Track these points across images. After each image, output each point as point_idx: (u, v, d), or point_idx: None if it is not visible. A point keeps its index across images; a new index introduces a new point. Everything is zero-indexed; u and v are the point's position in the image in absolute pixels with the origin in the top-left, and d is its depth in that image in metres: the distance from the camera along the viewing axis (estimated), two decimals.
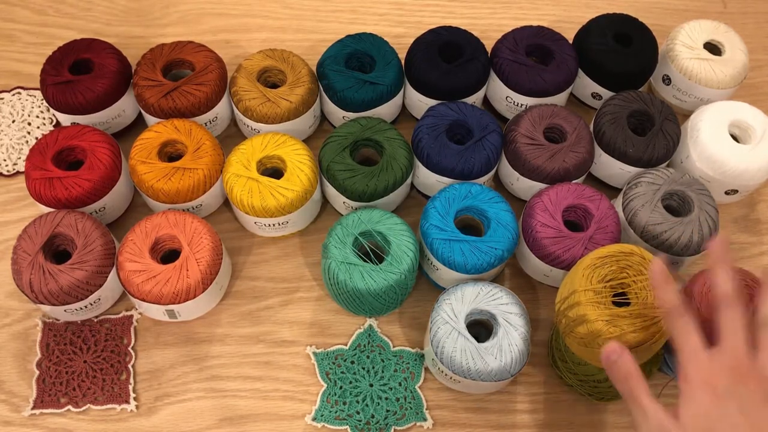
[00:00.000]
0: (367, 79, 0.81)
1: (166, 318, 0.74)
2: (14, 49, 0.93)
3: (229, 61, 0.86)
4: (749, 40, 0.89)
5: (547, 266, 0.74)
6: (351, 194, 0.76)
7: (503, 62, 0.83)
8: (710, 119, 0.81)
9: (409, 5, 0.99)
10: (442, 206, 0.74)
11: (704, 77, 0.85)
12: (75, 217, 0.72)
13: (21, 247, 0.71)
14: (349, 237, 0.72)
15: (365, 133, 0.78)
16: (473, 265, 0.71)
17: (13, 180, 0.84)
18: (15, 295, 0.76)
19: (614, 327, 0.62)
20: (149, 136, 0.77)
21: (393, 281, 0.71)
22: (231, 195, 0.75)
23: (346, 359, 0.74)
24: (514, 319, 0.69)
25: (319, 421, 0.72)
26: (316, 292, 0.79)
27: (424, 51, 0.83)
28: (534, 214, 0.74)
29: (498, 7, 1.00)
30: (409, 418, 0.72)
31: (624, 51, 0.85)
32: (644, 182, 0.76)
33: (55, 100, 0.80)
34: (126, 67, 0.83)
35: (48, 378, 0.73)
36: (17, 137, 0.86)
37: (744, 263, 0.82)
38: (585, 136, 0.79)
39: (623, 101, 0.81)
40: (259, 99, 0.80)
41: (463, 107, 0.80)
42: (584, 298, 0.64)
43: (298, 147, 0.77)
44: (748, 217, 0.86)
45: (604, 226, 0.73)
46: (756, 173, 0.79)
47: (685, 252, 0.74)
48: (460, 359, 0.67)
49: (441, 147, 0.77)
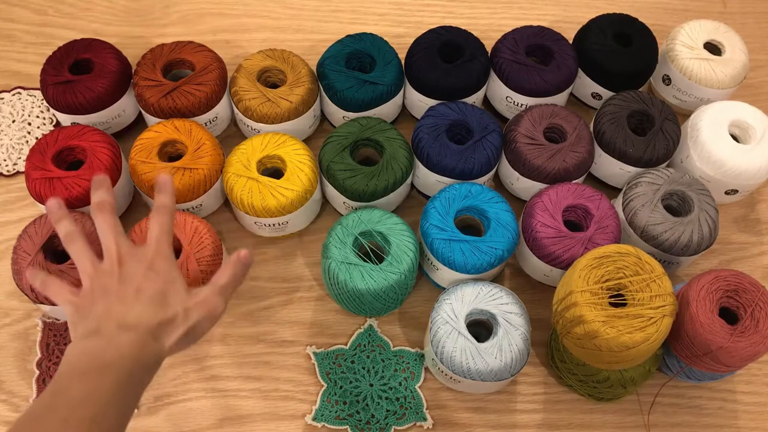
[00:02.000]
0: (367, 79, 0.81)
1: None
2: (14, 49, 0.93)
3: (229, 61, 0.86)
4: (749, 40, 0.89)
5: (547, 266, 0.74)
6: (351, 194, 0.76)
7: (503, 62, 0.83)
8: (710, 119, 0.81)
9: (409, 5, 0.99)
10: (442, 206, 0.74)
11: (704, 77, 0.85)
12: (75, 217, 0.72)
13: (21, 247, 0.71)
14: (349, 237, 0.72)
15: (365, 133, 0.78)
16: (473, 265, 0.72)
17: (13, 180, 0.84)
18: (15, 295, 0.76)
19: (611, 328, 0.62)
20: (149, 136, 0.77)
21: (393, 281, 0.71)
22: (231, 195, 0.75)
23: (347, 359, 0.74)
24: (514, 319, 0.69)
25: (319, 421, 0.72)
26: (316, 292, 0.79)
27: (424, 51, 0.83)
28: (534, 214, 0.74)
29: (498, 7, 1.00)
30: (409, 418, 0.72)
31: (624, 51, 0.85)
32: (644, 182, 0.76)
33: (55, 100, 0.80)
34: (126, 67, 0.83)
35: (48, 378, 0.73)
36: (17, 137, 0.86)
37: (744, 263, 0.82)
38: (585, 136, 0.79)
39: (623, 101, 0.81)
40: (259, 99, 0.80)
41: (463, 107, 0.80)
42: (581, 299, 0.64)
43: (298, 147, 0.77)
44: (748, 217, 0.86)
45: (604, 226, 0.73)
46: (756, 173, 0.79)
47: (685, 252, 0.74)
48: (460, 359, 0.67)
49: (441, 147, 0.77)
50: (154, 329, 0.57)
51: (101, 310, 0.58)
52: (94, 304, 0.59)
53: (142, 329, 0.57)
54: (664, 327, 0.63)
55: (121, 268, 0.60)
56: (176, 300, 0.59)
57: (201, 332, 0.61)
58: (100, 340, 0.56)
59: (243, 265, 0.63)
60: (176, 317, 0.59)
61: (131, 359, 0.55)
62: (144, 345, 0.56)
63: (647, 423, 0.73)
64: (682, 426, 0.74)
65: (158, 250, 0.62)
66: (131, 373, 0.55)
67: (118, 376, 0.54)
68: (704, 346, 0.64)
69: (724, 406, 0.75)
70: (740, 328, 0.64)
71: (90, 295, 0.59)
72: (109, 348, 0.55)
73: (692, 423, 0.74)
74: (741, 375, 0.76)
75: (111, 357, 0.55)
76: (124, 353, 0.55)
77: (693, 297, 0.66)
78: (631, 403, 0.74)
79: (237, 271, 0.63)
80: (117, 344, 0.56)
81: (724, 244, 0.83)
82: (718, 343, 0.63)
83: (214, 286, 0.61)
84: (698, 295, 0.66)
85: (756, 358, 0.65)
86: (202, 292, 0.61)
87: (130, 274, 0.60)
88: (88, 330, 0.57)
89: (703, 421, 0.74)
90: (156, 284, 0.59)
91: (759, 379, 0.76)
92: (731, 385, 0.76)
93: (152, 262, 0.61)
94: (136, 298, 0.58)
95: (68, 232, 0.63)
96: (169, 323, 0.58)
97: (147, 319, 0.57)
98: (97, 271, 0.61)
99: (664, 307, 0.63)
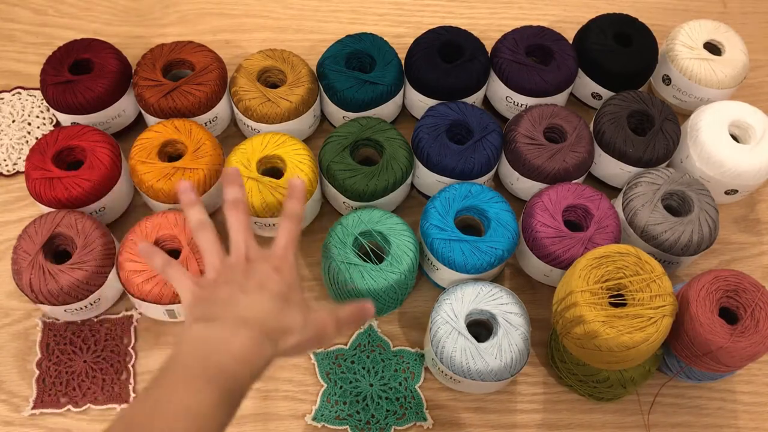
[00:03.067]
0: (367, 79, 0.81)
1: (166, 318, 0.74)
2: (14, 49, 0.93)
3: (229, 61, 0.86)
4: (749, 40, 0.89)
5: (547, 266, 0.74)
6: (351, 194, 0.76)
7: (503, 62, 0.83)
8: (710, 119, 0.81)
9: (409, 5, 0.99)
10: (442, 206, 0.74)
11: (704, 77, 0.85)
12: (75, 217, 0.72)
13: (21, 247, 0.71)
14: (349, 237, 0.72)
15: (365, 133, 0.78)
16: (473, 265, 0.72)
17: (13, 180, 0.84)
18: (15, 295, 0.76)
19: (611, 328, 0.62)
20: (149, 136, 0.77)
21: (393, 281, 0.71)
22: None
23: (346, 359, 0.74)
24: (514, 318, 0.69)
25: (319, 421, 0.72)
26: (316, 292, 0.79)
27: (424, 51, 0.83)
28: (534, 214, 0.74)
29: (498, 7, 1.00)
30: (409, 418, 0.72)
31: (624, 51, 0.85)
32: (644, 182, 0.76)
33: (55, 100, 0.80)
34: (126, 67, 0.83)
35: (48, 378, 0.73)
36: (17, 137, 0.86)
37: (744, 263, 0.82)
38: (585, 136, 0.79)
39: (623, 101, 0.81)
40: (259, 99, 0.80)
41: (463, 107, 0.80)
42: (581, 299, 0.64)
43: (298, 147, 0.77)
44: (748, 217, 0.86)
45: (604, 226, 0.73)
46: (756, 173, 0.79)
47: (685, 252, 0.74)
48: (460, 359, 0.67)
49: (441, 147, 0.77)
50: (270, 331, 0.55)
51: (223, 296, 0.56)
52: (216, 292, 0.56)
53: (259, 328, 0.54)
54: (664, 327, 0.63)
55: (247, 264, 0.58)
56: (296, 307, 0.57)
57: (306, 349, 0.59)
58: (217, 329, 0.54)
59: (364, 314, 0.61)
60: (295, 324, 0.56)
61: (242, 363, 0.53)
62: (258, 346, 0.54)
63: (647, 423, 0.73)
64: (682, 426, 0.74)
65: (285, 255, 0.60)
66: (236, 380, 0.52)
67: (225, 384, 0.51)
68: (704, 346, 0.64)
69: (724, 406, 0.75)
70: (740, 328, 0.64)
71: (212, 286, 0.57)
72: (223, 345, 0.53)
73: (692, 423, 0.74)
74: (741, 375, 0.76)
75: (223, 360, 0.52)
76: (236, 355, 0.53)
77: (693, 297, 0.66)
78: (631, 403, 0.74)
79: (356, 316, 0.60)
80: (232, 342, 0.53)
81: (724, 244, 0.83)
82: (718, 343, 0.63)
83: (333, 313, 0.59)
84: (698, 295, 0.66)
85: (756, 358, 0.65)
86: (321, 312, 0.59)
87: (256, 271, 0.58)
88: (207, 314, 0.55)
89: (703, 421, 0.74)
90: (280, 286, 0.57)
91: (759, 379, 0.76)
92: (731, 385, 0.76)
93: (279, 266, 0.59)
94: (259, 293, 0.56)
95: (199, 220, 0.61)
96: (287, 329, 0.56)
97: (266, 316, 0.55)
98: (223, 264, 0.59)
99: (664, 307, 0.63)
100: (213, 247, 0.60)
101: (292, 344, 0.56)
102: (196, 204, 0.62)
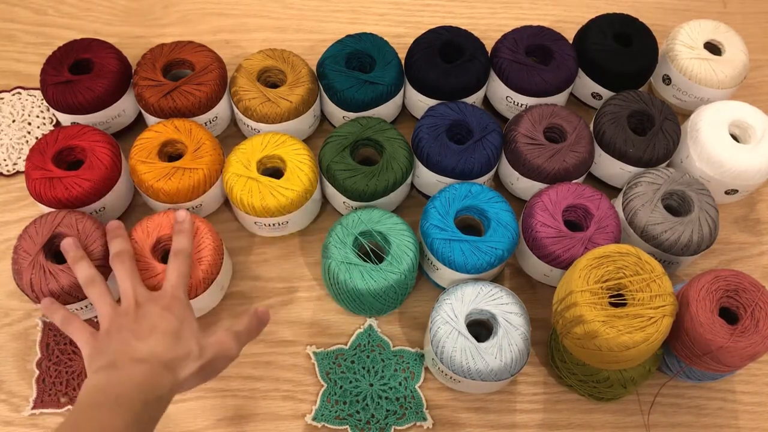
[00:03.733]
0: (367, 79, 0.81)
1: None
2: (14, 49, 0.93)
3: (229, 61, 0.86)
4: (749, 40, 0.89)
5: (547, 266, 0.74)
6: (351, 194, 0.76)
7: (503, 62, 0.83)
8: (710, 119, 0.81)
9: (409, 5, 1.00)
10: (442, 206, 0.74)
11: (704, 77, 0.85)
12: (75, 217, 0.72)
13: (21, 247, 0.71)
14: (349, 237, 0.72)
15: (365, 133, 0.78)
16: (473, 265, 0.72)
17: (13, 180, 0.84)
18: (15, 295, 0.76)
19: (611, 327, 0.62)
20: (149, 136, 0.77)
21: (393, 281, 0.71)
22: (231, 195, 0.75)
23: (346, 359, 0.74)
24: (514, 318, 0.69)
25: (319, 421, 0.72)
26: (316, 292, 0.79)
27: (424, 51, 0.83)
28: (534, 213, 0.74)
29: (498, 7, 1.00)
30: (409, 417, 0.72)
31: (624, 51, 0.85)
32: (644, 182, 0.76)
33: (55, 100, 0.80)
34: (126, 67, 0.83)
35: (48, 378, 0.73)
36: (17, 137, 0.86)
37: (744, 263, 0.83)
38: (585, 136, 0.79)
39: (623, 101, 0.81)
40: (259, 99, 0.80)
41: (463, 107, 0.80)
42: (581, 299, 0.64)
43: (298, 147, 0.77)
44: (748, 217, 0.86)
45: (604, 226, 0.73)
46: (756, 173, 0.79)
47: (685, 252, 0.74)
48: (460, 359, 0.67)
49: (441, 147, 0.77)
50: (168, 362, 0.60)
51: (116, 345, 0.61)
52: (110, 342, 0.61)
53: (155, 361, 0.59)
54: (664, 327, 0.63)
55: (137, 309, 0.64)
56: (190, 337, 0.62)
57: (216, 370, 0.64)
58: (115, 372, 0.59)
59: (259, 320, 0.67)
60: (190, 352, 0.61)
61: (145, 388, 0.57)
62: (157, 375, 0.59)
63: (647, 423, 0.73)
64: (682, 426, 0.74)
65: (174, 295, 0.65)
66: (145, 403, 0.57)
67: (132, 408, 0.56)
68: (704, 346, 0.64)
69: (724, 406, 0.75)
70: (740, 328, 0.64)
71: (107, 336, 0.62)
72: (123, 379, 0.58)
73: (692, 423, 0.74)
74: (741, 375, 0.76)
75: (125, 388, 0.57)
76: (137, 382, 0.57)
77: (693, 297, 0.66)
78: (631, 403, 0.74)
79: (252, 324, 0.66)
80: (131, 375, 0.58)
81: (724, 244, 0.83)
82: (718, 343, 0.63)
83: (228, 330, 0.65)
84: (698, 295, 0.66)
85: (756, 358, 0.65)
86: (217, 333, 0.64)
87: (146, 314, 0.63)
88: (104, 364, 0.60)
89: (703, 421, 0.74)
90: (170, 323, 0.62)
91: (759, 379, 0.76)
92: (731, 385, 0.76)
93: (168, 304, 0.64)
94: (150, 334, 0.61)
95: (88, 276, 0.66)
96: (184, 357, 0.61)
97: (160, 352, 0.60)
98: (115, 312, 0.64)
99: (664, 307, 0.63)
100: (103, 299, 0.65)
101: (193, 370, 0.61)
102: (82, 259, 0.67)
